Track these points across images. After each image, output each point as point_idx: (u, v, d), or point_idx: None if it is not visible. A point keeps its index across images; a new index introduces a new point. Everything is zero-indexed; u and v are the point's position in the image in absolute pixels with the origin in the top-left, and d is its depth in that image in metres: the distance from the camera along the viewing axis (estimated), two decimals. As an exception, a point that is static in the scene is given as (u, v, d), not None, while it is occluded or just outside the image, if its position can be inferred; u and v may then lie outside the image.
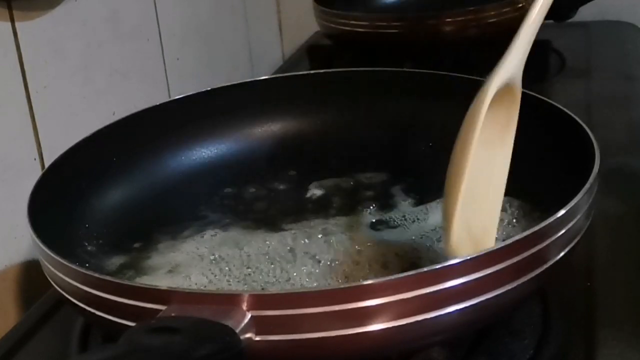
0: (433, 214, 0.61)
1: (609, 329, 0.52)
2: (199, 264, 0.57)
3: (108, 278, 0.46)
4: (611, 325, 0.52)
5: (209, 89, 0.71)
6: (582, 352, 0.51)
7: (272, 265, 0.56)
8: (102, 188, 0.64)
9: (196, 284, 0.54)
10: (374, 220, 0.61)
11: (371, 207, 0.63)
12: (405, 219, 0.61)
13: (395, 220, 0.61)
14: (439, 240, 0.57)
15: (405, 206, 0.63)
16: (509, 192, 0.60)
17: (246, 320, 0.40)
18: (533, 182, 0.59)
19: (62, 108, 0.71)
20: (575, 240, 0.47)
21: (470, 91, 0.69)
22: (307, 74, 0.78)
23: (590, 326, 0.52)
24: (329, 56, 1.14)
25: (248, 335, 0.40)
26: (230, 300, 0.41)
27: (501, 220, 0.58)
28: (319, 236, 0.60)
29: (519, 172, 0.61)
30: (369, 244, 0.58)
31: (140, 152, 0.67)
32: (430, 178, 0.65)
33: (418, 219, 0.61)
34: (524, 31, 0.50)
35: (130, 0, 0.83)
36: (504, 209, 0.59)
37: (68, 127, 0.71)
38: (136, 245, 0.60)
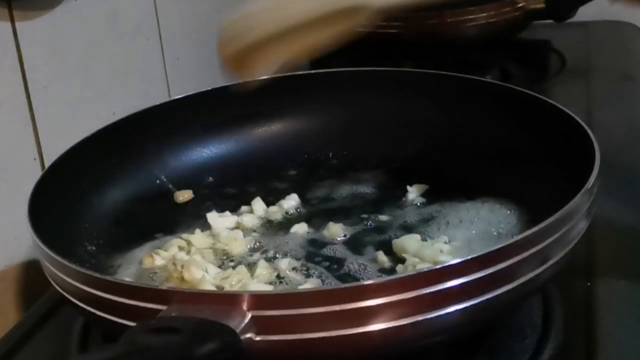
0: (433, 213, 0.61)
1: (609, 329, 0.52)
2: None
3: (108, 278, 0.46)
4: (611, 325, 0.52)
5: (209, 88, 0.71)
6: (582, 352, 0.51)
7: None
8: (102, 188, 0.64)
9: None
10: (374, 220, 0.61)
11: (371, 207, 0.63)
12: (405, 219, 0.61)
13: (395, 220, 0.61)
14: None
15: (405, 206, 0.63)
16: (509, 192, 0.60)
17: (246, 320, 0.40)
18: (533, 182, 0.59)
19: (62, 108, 0.71)
20: (575, 240, 0.47)
21: (470, 91, 0.69)
22: (307, 74, 0.78)
23: (590, 326, 0.52)
24: (329, 56, 1.14)
25: (248, 335, 0.40)
26: (230, 300, 0.41)
27: (501, 220, 0.58)
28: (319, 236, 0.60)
29: (519, 171, 0.62)
30: (369, 243, 0.58)
31: (140, 152, 0.67)
32: (431, 178, 0.66)
33: (418, 219, 0.61)
34: None
35: (130, 0, 0.82)
36: (504, 209, 0.59)
37: (68, 127, 0.71)
38: (136, 245, 0.60)
